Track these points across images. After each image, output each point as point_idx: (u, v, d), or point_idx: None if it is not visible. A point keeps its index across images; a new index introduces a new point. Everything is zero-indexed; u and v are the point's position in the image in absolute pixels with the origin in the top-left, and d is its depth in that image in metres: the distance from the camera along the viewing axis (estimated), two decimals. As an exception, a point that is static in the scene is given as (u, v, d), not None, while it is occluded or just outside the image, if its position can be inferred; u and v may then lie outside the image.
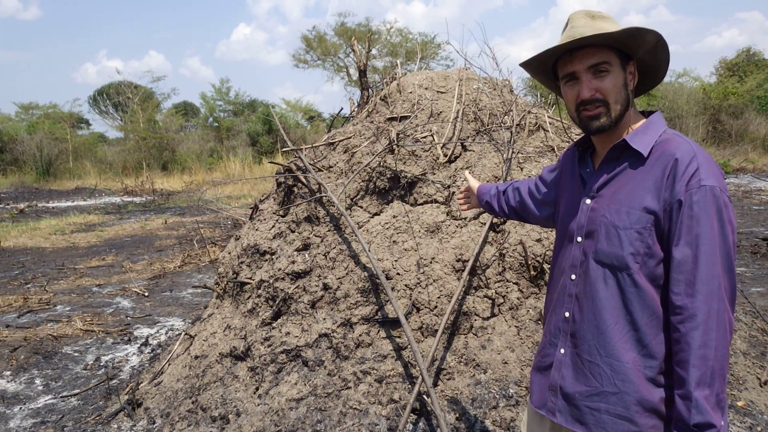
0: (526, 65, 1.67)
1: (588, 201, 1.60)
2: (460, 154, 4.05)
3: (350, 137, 4.41)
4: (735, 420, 3.10)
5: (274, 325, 3.67)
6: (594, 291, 1.54)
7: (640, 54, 1.55)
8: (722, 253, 1.38)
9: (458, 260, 3.46)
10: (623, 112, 1.53)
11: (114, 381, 4.46)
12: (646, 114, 1.62)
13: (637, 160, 1.51)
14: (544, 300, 1.87)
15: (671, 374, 1.46)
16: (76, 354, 5.15)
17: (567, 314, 1.63)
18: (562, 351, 1.64)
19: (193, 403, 3.53)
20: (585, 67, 1.51)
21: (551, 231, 3.47)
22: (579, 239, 1.61)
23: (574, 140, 1.85)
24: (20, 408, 4.10)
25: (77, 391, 4.32)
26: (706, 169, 1.40)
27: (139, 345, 5.30)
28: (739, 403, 3.24)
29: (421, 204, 3.85)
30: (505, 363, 3.16)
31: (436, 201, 3.83)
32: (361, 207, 3.98)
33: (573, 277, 1.62)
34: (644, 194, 1.46)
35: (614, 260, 1.50)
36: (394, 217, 3.77)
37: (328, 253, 3.75)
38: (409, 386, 3.08)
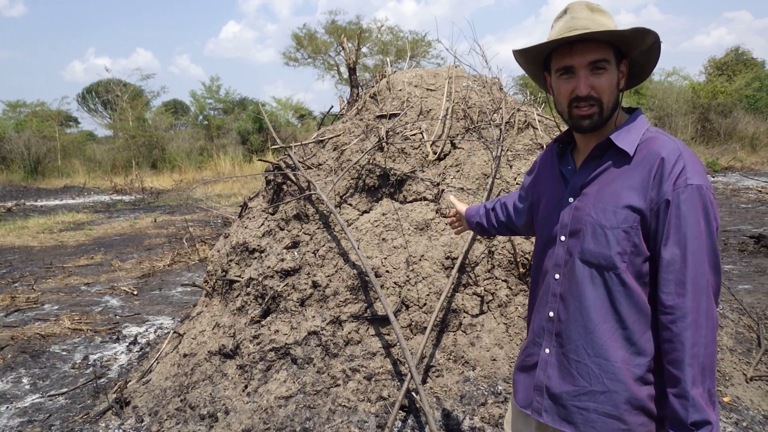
0: (522, 53, 1.62)
1: (571, 200, 1.59)
2: (450, 152, 4.05)
3: (339, 135, 4.40)
4: (721, 416, 3.12)
5: (263, 323, 3.66)
6: (581, 291, 1.53)
7: (635, 54, 1.54)
8: (709, 251, 1.39)
9: (447, 258, 3.47)
10: (613, 111, 1.53)
11: (102, 380, 4.44)
12: (627, 110, 1.61)
13: (622, 158, 1.50)
14: (528, 299, 1.86)
15: (658, 372, 1.47)
16: (64, 353, 5.11)
17: (551, 314, 1.62)
18: (547, 351, 1.63)
19: (181, 401, 3.52)
20: (584, 63, 1.48)
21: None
22: (562, 238, 1.59)
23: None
24: (7, 407, 4.07)
25: (65, 390, 4.29)
26: (692, 168, 1.41)
27: (127, 344, 5.27)
28: (725, 399, 3.27)
29: (411, 202, 3.85)
30: (494, 360, 3.17)
31: (425, 199, 3.83)
32: (351, 205, 3.98)
33: (557, 276, 1.61)
34: (630, 193, 1.45)
35: (601, 260, 1.49)
36: (384, 214, 3.77)
37: (318, 250, 3.75)
38: (398, 383, 3.08)
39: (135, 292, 7.19)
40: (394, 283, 3.41)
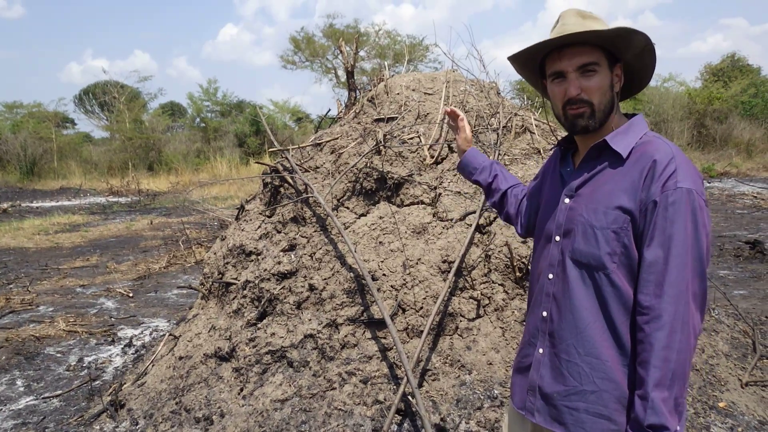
0: (514, 59, 1.65)
1: (567, 200, 1.60)
2: (447, 156, 4.05)
3: (337, 138, 4.41)
4: (716, 421, 3.13)
5: (259, 325, 3.65)
6: (571, 290, 1.54)
7: (628, 57, 1.56)
8: (693, 257, 1.37)
9: (444, 261, 3.47)
10: (608, 113, 1.54)
11: (97, 382, 4.42)
12: (629, 116, 1.62)
13: (617, 160, 1.51)
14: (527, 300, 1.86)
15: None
16: (59, 355, 5.09)
17: (545, 314, 1.63)
18: (541, 351, 1.63)
19: (176, 404, 3.50)
20: (573, 67, 1.50)
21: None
22: (557, 238, 1.61)
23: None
24: (1, 409, 4.04)
25: (59, 392, 4.27)
26: (684, 172, 1.41)
27: (122, 346, 5.25)
28: (721, 404, 3.27)
29: (408, 205, 3.86)
30: (490, 364, 3.17)
31: (422, 202, 3.84)
32: (348, 208, 3.98)
33: (550, 276, 1.62)
34: (621, 194, 1.46)
35: (591, 260, 1.50)
36: (381, 218, 3.77)
37: (314, 253, 3.74)
38: (394, 387, 3.08)
39: (130, 294, 7.17)
40: (391, 286, 3.40)
